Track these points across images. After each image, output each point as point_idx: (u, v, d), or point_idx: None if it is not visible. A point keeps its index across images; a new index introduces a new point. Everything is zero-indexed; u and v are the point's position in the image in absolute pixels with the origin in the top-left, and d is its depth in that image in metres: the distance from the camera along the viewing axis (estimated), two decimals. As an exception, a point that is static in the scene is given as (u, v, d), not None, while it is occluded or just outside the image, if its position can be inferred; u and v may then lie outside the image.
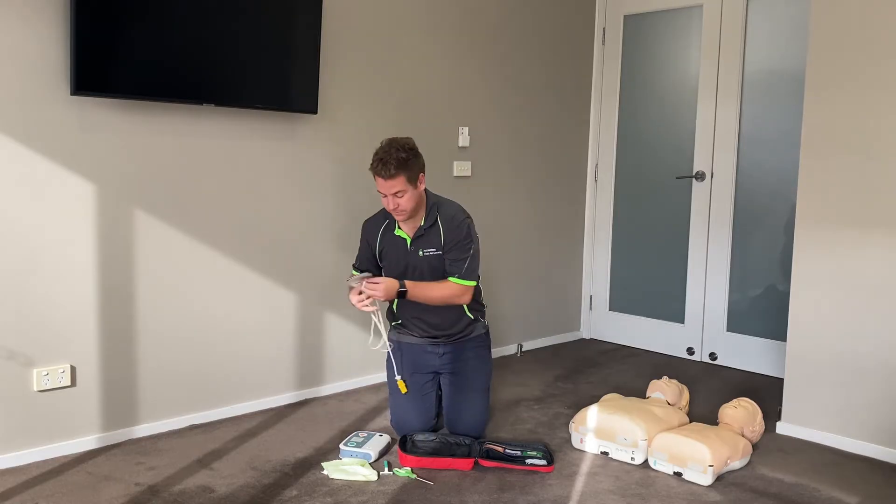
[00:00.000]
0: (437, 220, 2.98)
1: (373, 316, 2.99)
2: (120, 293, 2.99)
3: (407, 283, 2.93)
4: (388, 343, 3.10)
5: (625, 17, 4.73)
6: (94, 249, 2.91)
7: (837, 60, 3.11)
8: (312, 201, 3.56)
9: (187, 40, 2.98)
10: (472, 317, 3.11)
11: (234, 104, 3.16)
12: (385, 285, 2.88)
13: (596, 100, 4.87)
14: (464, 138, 4.15)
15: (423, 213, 2.98)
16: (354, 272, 3.06)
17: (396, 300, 3.08)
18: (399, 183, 2.82)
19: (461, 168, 4.16)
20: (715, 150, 4.33)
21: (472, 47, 4.16)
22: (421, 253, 2.98)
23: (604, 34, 4.82)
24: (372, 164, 2.85)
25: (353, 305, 2.94)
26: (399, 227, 3.01)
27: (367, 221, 3.14)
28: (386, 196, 2.87)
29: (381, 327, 3.03)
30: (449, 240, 2.96)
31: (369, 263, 3.10)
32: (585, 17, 4.79)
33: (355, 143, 3.69)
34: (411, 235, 2.98)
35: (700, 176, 4.40)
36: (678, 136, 4.50)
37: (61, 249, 2.83)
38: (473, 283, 3.00)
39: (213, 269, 3.25)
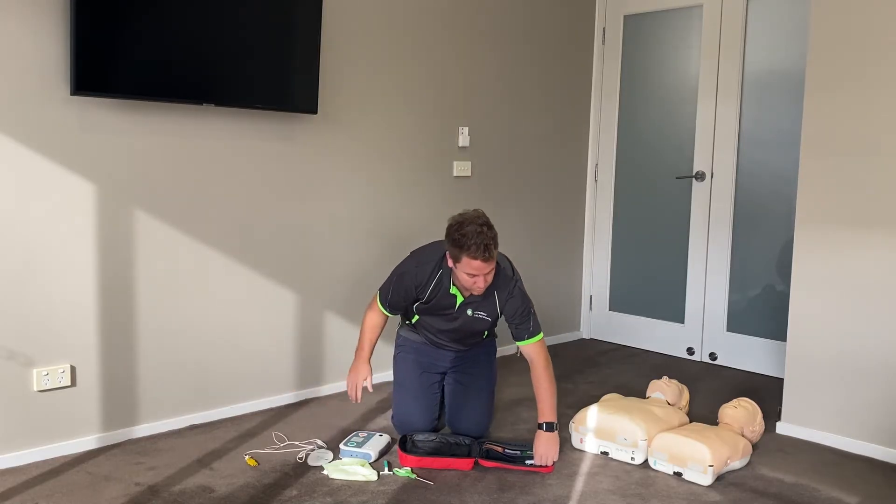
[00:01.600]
0: (494, 292, 2.89)
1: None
2: (120, 293, 2.99)
3: (545, 420, 2.87)
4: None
5: (625, 17, 4.73)
6: (94, 249, 2.91)
7: (837, 60, 3.11)
8: (312, 201, 3.56)
9: (187, 40, 2.98)
10: (488, 335, 3.17)
11: (234, 104, 3.16)
12: (556, 448, 2.85)
13: (596, 100, 4.87)
14: (464, 138, 4.15)
15: None
16: (383, 309, 3.00)
17: (417, 316, 3.07)
18: (494, 261, 2.74)
19: (461, 168, 4.16)
20: (715, 150, 4.33)
21: (473, 47, 4.15)
22: (471, 312, 2.93)
23: (604, 34, 4.82)
24: (468, 250, 2.66)
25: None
26: (454, 286, 2.90)
27: (418, 269, 2.91)
28: (476, 276, 2.72)
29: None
30: (510, 313, 2.91)
31: (399, 306, 3.00)
32: (585, 17, 4.79)
33: (355, 144, 3.69)
34: (464, 295, 2.91)
35: (700, 176, 4.40)
36: (678, 136, 4.50)
37: (61, 249, 2.83)
38: (542, 334, 2.97)
39: (212, 270, 3.25)
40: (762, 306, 4.19)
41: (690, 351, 4.51)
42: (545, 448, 2.83)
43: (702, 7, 4.36)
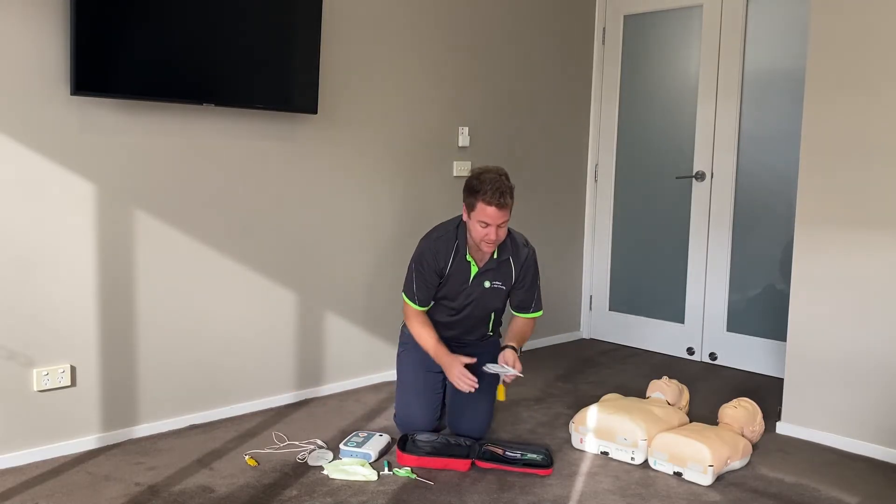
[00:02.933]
0: (509, 258, 2.92)
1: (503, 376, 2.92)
2: (120, 293, 2.99)
3: (512, 343, 2.93)
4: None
5: (625, 17, 4.73)
6: (93, 249, 2.91)
7: (837, 60, 3.11)
8: (312, 201, 3.56)
9: (187, 40, 2.98)
10: (492, 333, 3.18)
11: (233, 104, 3.16)
12: (516, 361, 2.88)
13: (596, 100, 4.87)
14: (464, 138, 4.15)
15: None
16: (417, 307, 2.94)
17: (432, 302, 3.05)
18: (507, 212, 2.75)
19: (461, 168, 4.16)
20: (715, 150, 4.33)
21: (472, 47, 4.15)
22: (487, 284, 2.94)
23: (604, 34, 4.82)
24: (483, 195, 2.69)
25: (462, 387, 2.85)
26: (469, 254, 2.90)
27: (436, 242, 2.89)
28: (488, 226, 2.74)
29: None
30: (521, 278, 2.94)
31: (430, 292, 2.94)
32: (585, 17, 4.79)
33: (355, 144, 3.69)
34: (480, 265, 2.92)
35: (700, 176, 4.40)
36: (678, 136, 4.50)
37: (61, 249, 2.83)
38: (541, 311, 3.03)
39: (212, 269, 3.25)
40: (762, 306, 4.19)
41: (690, 351, 4.51)
42: (513, 358, 2.88)
43: (702, 7, 4.36)
